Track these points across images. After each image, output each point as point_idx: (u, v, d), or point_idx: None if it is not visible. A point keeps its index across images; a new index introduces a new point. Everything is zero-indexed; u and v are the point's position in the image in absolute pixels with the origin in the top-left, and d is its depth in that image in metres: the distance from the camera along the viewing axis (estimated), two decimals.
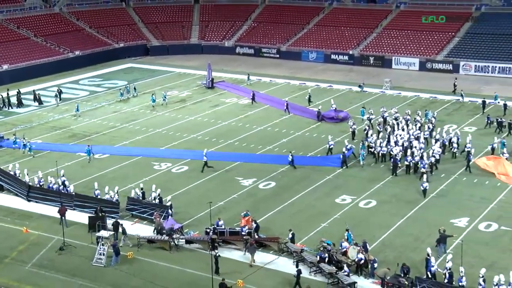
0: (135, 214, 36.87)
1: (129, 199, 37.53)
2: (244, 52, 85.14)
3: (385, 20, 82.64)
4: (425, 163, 40.66)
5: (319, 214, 36.47)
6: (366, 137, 46.95)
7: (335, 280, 29.38)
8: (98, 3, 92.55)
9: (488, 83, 64.83)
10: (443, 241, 32.02)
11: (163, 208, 36.13)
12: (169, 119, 56.56)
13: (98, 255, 31.73)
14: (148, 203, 37.09)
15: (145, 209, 36.65)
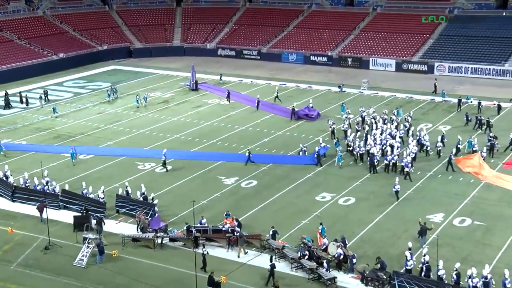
0: (124, 211, 36.65)
1: (118, 197, 37.40)
2: (226, 54, 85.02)
3: (362, 23, 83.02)
4: (408, 163, 40.77)
5: (300, 212, 36.54)
6: (345, 136, 47.12)
7: (315, 276, 29.46)
8: (82, 6, 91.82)
9: (462, 83, 65.44)
10: (424, 233, 32.51)
11: (150, 206, 35.96)
12: (152, 120, 56.29)
13: (81, 256, 31.38)
14: (137, 201, 37.01)
15: (133, 207, 36.48)
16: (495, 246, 32.02)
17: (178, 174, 42.97)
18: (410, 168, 40.57)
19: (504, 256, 31.06)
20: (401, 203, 37.43)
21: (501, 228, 33.94)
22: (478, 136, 47.30)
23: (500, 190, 38.88)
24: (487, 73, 68.34)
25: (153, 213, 35.60)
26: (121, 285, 29.63)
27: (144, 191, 37.50)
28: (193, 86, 65.79)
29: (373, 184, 40.40)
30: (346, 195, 38.89)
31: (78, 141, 50.70)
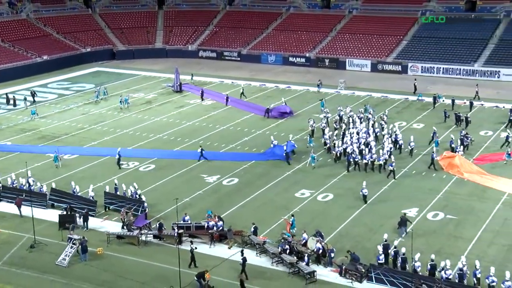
0: (114, 208, 36.56)
1: (106, 194, 37.29)
2: (207, 55, 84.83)
3: (339, 25, 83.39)
4: (393, 162, 40.84)
5: (280, 208, 36.64)
6: (323, 135, 47.32)
7: (296, 270, 29.60)
8: (65, 9, 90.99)
9: (434, 83, 66.05)
10: (404, 224, 33.01)
11: (140, 203, 35.90)
12: (136, 120, 56.01)
13: (64, 256, 31.05)
14: (126, 198, 36.95)
15: (122, 204, 36.41)
16: (466, 239, 32.44)
17: (162, 172, 42.83)
18: (394, 167, 40.59)
19: (474, 248, 31.49)
20: (378, 199, 37.70)
21: (472, 222, 34.38)
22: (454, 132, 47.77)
23: (471, 185, 39.35)
24: (457, 73, 69.09)
25: (143, 209, 35.54)
26: (107, 282, 29.47)
27: (137, 189, 37.37)
28: (177, 88, 65.42)
29: (350, 181, 40.62)
30: (325, 191, 39.07)
31: (62, 141, 50.29)
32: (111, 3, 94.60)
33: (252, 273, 29.79)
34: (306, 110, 57.08)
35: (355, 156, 42.31)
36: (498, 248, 31.47)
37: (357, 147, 43.78)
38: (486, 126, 50.72)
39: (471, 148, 45.29)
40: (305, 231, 32.10)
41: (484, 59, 69.98)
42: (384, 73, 72.45)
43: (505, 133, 46.88)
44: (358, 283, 28.64)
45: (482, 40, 72.91)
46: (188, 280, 28.44)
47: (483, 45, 72.12)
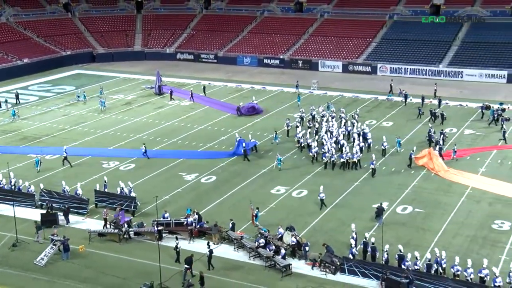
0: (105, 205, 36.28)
1: (96, 192, 37.04)
2: (185, 58, 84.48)
3: (311, 28, 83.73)
4: (373, 160, 40.83)
5: (256, 204, 36.51)
6: (296, 133, 47.43)
7: (272, 263, 29.67)
8: (45, 13, 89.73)
9: (402, 83, 66.52)
10: (380, 213, 33.70)
11: (131, 199, 35.79)
12: (116, 121, 55.55)
13: (43, 255, 30.54)
14: (117, 195, 36.74)
15: (113, 201, 36.23)
16: (433, 231, 32.85)
17: (142, 171, 42.56)
18: (375, 165, 40.62)
19: (440, 239, 31.93)
20: (350, 194, 37.97)
21: (438, 214, 34.83)
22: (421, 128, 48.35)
23: (437, 179, 39.85)
24: (424, 73, 69.89)
25: (135, 204, 35.53)
26: (89, 278, 29.20)
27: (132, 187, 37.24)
28: (158, 90, 64.81)
29: (324, 177, 40.80)
30: (299, 188, 39.23)
31: (44, 142, 49.66)
32: (91, 7, 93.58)
33: (230, 267, 29.88)
34: (281, 109, 57.20)
35: (331, 155, 42.17)
36: (463, 239, 31.96)
37: (332, 147, 43.60)
38: (451, 123, 51.39)
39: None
40: (281, 226, 32.19)
41: (448, 60, 70.90)
42: (355, 73, 72.95)
43: (469, 130, 47.59)
44: (331, 275, 28.83)
45: (446, 42, 73.86)
46: (169, 275, 28.32)
47: (447, 47, 73.08)
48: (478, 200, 36.53)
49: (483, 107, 53.11)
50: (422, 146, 44.78)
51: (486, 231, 32.71)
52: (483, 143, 46.30)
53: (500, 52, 69.49)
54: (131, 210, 35.71)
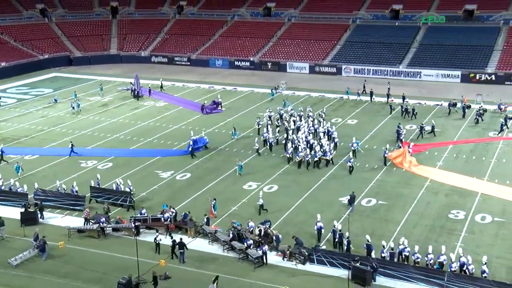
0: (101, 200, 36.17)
1: (91, 188, 36.73)
2: (159, 60, 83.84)
3: (279, 31, 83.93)
4: (351, 158, 40.79)
5: (229, 200, 36.65)
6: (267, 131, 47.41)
7: (245, 255, 29.70)
8: (21, 18, 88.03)
9: (366, 82, 67.22)
10: (352, 201, 34.36)
11: (127, 195, 35.60)
12: (93, 121, 54.84)
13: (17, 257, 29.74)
14: (112, 190, 36.49)
15: (108, 196, 36.05)
16: (395, 221, 33.29)
17: (120, 170, 42.10)
18: (352, 163, 40.50)
19: (402, 229, 32.35)
20: (318, 188, 38.20)
21: (400, 206, 35.29)
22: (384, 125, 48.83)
23: (399, 173, 40.34)
24: (385, 73, 70.68)
25: (130, 199, 35.34)
26: (69, 273, 28.81)
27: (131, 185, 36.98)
28: (137, 93, 63.94)
29: (293, 173, 40.99)
30: (270, 183, 39.31)
31: (23, 143, 48.74)
32: (67, 12, 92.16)
33: (205, 260, 29.83)
34: (252, 109, 57.22)
35: (306, 156, 41.64)
36: (422, 228, 32.47)
37: (306, 146, 43.28)
38: (411, 121, 52.03)
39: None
40: (251, 219, 32.27)
41: (408, 61, 71.87)
42: (321, 74, 73.39)
43: (428, 127, 48.25)
44: (301, 265, 29.01)
45: (405, 44, 74.84)
46: (144, 269, 28.12)
47: (406, 49, 74.05)
48: (436, 192, 37.15)
49: (450, 104, 54.01)
50: (385, 142, 45.24)
51: (443, 220, 33.31)
52: (440, 139, 47.06)
53: (454, 53, 70.73)
54: (127, 205, 35.60)
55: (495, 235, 31.31)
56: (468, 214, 33.92)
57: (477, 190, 37.08)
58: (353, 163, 40.59)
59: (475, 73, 66.94)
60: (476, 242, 30.44)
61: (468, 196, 36.27)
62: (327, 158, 41.73)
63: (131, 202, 35.56)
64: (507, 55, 68.55)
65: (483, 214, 33.84)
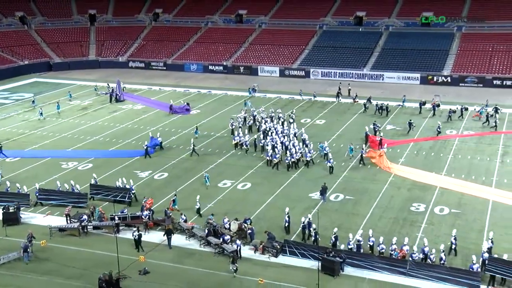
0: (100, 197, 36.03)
1: (91, 186, 36.51)
2: (136, 65, 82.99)
3: (250, 37, 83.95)
4: (330, 159, 40.33)
5: (205, 197, 36.45)
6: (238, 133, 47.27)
7: (220, 250, 29.63)
8: (1, 25, 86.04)
9: (332, 85, 67.74)
10: (324, 192, 34.91)
11: (126, 191, 35.49)
12: (73, 124, 53.97)
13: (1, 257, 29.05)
14: (111, 188, 36.30)
15: (108, 193, 35.80)
16: (361, 215, 33.63)
17: (100, 170, 41.50)
18: (332, 163, 40.14)
19: (368, 222, 32.72)
20: (289, 185, 38.32)
21: (366, 200, 35.66)
22: (351, 124, 49.10)
23: (364, 170, 40.70)
24: (351, 76, 71.31)
25: (130, 195, 35.25)
26: (52, 271, 28.32)
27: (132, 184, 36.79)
28: (120, 97, 62.84)
29: (265, 171, 41.04)
30: (244, 181, 39.29)
31: (4, 146, 47.57)
32: (46, 20, 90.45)
33: (182, 255, 29.68)
34: (225, 111, 57.10)
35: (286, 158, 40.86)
36: (386, 221, 32.89)
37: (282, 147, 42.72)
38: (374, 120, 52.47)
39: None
40: (226, 215, 32.22)
41: (371, 65, 72.68)
42: (291, 77, 73.66)
43: (390, 126, 48.91)
44: (274, 257, 29.09)
45: (368, 49, 75.67)
46: (126, 265, 27.84)
47: (370, 53, 74.87)
48: (399, 187, 37.64)
49: (421, 104, 54.81)
50: (351, 140, 45.56)
51: (405, 213, 33.79)
52: (402, 137, 47.71)
53: (413, 57, 71.81)
54: (127, 201, 35.40)
55: (452, 225, 31.92)
56: (428, 206, 34.49)
57: (436, 184, 37.73)
58: (333, 163, 40.22)
59: (432, 75, 68.07)
60: (435, 232, 30.98)
61: (428, 190, 36.88)
62: (308, 159, 41.28)
63: (130, 199, 35.38)
64: (460, 59, 69.94)
65: (442, 206, 34.46)
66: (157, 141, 45.85)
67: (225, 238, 29.81)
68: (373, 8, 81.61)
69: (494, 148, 44.22)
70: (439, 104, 54.44)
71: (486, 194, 35.91)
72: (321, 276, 26.22)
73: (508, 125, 49.99)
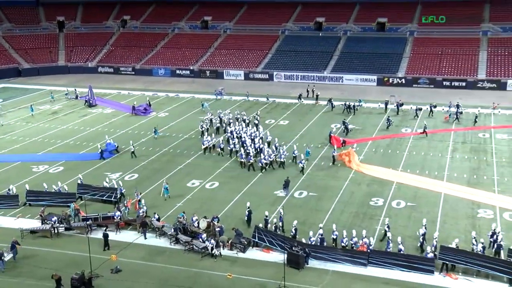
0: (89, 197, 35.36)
1: (79, 186, 35.84)
2: (105, 71, 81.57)
3: (216, 42, 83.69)
4: (302, 159, 40.12)
5: (175, 196, 36.17)
6: (206, 134, 47.00)
7: (190, 247, 29.42)
8: None
9: (294, 87, 68.13)
10: (287, 185, 35.26)
11: (113, 190, 34.91)
12: (43, 129, 52.65)
13: None
14: (98, 187, 35.66)
15: (95, 192, 35.14)
16: (324, 210, 33.92)
17: (70, 173, 40.65)
18: (304, 164, 39.90)
19: (330, 217, 33.04)
20: (255, 183, 38.31)
21: (328, 197, 35.96)
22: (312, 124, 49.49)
23: (326, 167, 41.00)
24: (312, 79, 71.88)
25: (117, 194, 34.64)
26: (23, 272, 27.56)
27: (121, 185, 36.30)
28: (94, 102, 61.62)
29: (232, 171, 40.95)
30: (211, 180, 39.11)
31: None
32: (14, 26, 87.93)
33: (153, 253, 29.34)
34: (193, 113, 56.72)
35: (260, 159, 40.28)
36: (347, 215, 33.28)
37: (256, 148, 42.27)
38: (336, 119, 53.09)
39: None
40: (195, 214, 32.01)
41: (331, 68, 73.44)
42: (255, 80, 73.74)
43: (350, 126, 49.51)
44: (242, 253, 29.06)
45: (328, 52, 76.45)
46: (98, 264, 27.32)
47: (329, 57, 75.64)
48: (359, 183, 38.15)
49: (386, 103, 55.79)
50: (313, 140, 45.94)
51: (365, 207, 34.28)
52: (360, 135, 48.35)
53: (370, 60, 72.94)
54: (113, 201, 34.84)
55: (408, 217, 32.57)
56: (386, 201, 35.07)
57: (393, 179, 38.41)
58: (304, 164, 40.07)
59: (388, 77, 69.31)
60: (392, 225, 31.50)
61: (385, 185, 37.50)
62: (282, 160, 40.85)
63: (116, 198, 34.84)
64: (413, 62, 71.45)
65: (398, 200, 35.11)
66: (113, 146, 44.96)
67: (202, 236, 29.56)
68: (331, 14, 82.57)
69: (445, 144, 45.34)
70: (402, 103, 55.34)
71: (438, 187, 36.79)
72: (286, 269, 26.33)
73: (466, 123, 51.03)
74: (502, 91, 63.71)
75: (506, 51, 69.83)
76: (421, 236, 28.97)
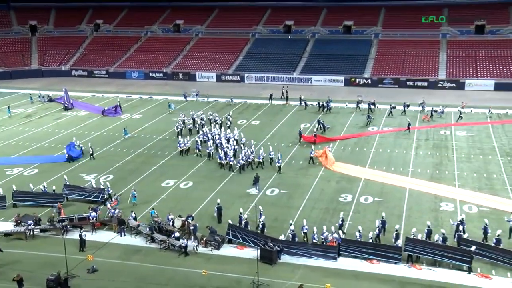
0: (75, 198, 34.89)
1: (65, 186, 35.18)
2: (79, 74, 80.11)
3: (188, 45, 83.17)
4: (279, 159, 39.73)
5: (150, 196, 35.81)
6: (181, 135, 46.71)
7: (166, 245, 29.16)
8: None
9: (265, 88, 68.31)
10: (257, 181, 35.42)
11: (100, 191, 34.40)
12: (17, 132, 51.36)
13: None
14: (84, 188, 35.12)
15: (82, 193, 34.69)
16: (295, 207, 34.07)
17: (46, 175, 39.76)
18: (281, 163, 39.68)
19: (301, 213, 33.21)
20: (228, 182, 38.22)
21: (299, 194, 36.14)
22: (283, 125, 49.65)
23: (297, 165, 41.29)
24: (282, 80, 72.16)
25: (103, 195, 34.16)
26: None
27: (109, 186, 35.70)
28: (70, 105, 60.13)
29: (206, 170, 40.77)
30: (185, 180, 38.86)
31: None
32: None
33: (129, 252, 28.97)
34: (166, 116, 56.20)
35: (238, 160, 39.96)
36: (318, 211, 33.54)
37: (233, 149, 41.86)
38: (305, 119, 53.44)
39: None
40: (170, 213, 31.75)
41: (300, 69, 73.91)
42: (227, 82, 73.61)
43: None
44: (216, 250, 28.97)
45: (297, 55, 76.89)
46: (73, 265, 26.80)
47: (298, 59, 76.11)
48: (329, 180, 38.47)
49: (358, 102, 56.36)
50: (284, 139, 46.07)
51: (335, 203, 34.59)
52: (330, 134, 48.73)
53: (338, 62, 73.70)
54: (100, 201, 34.28)
55: (375, 212, 33.02)
56: (354, 196, 35.48)
57: (360, 176, 38.88)
58: (281, 164, 39.91)
59: (355, 78, 70.16)
60: (361, 220, 31.91)
61: (354, 182, 37.93)
62: (260, 160, 40.56)
63: (103, 199, 34.30)
64: (378, 63, 72.53)
65: (366, 195, 35.57)
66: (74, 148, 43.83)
67: (176, 235, 29.31)
68: (300, 18, 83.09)
69: (409, 142, 46.15)
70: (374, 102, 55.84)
71: (403, 183, 37.42)
72: (260, 265, 26.36)
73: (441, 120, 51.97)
74: (461, 90, 65.32)
75: (463, 53, 71.59)
76: (377, 228, 29.46)
